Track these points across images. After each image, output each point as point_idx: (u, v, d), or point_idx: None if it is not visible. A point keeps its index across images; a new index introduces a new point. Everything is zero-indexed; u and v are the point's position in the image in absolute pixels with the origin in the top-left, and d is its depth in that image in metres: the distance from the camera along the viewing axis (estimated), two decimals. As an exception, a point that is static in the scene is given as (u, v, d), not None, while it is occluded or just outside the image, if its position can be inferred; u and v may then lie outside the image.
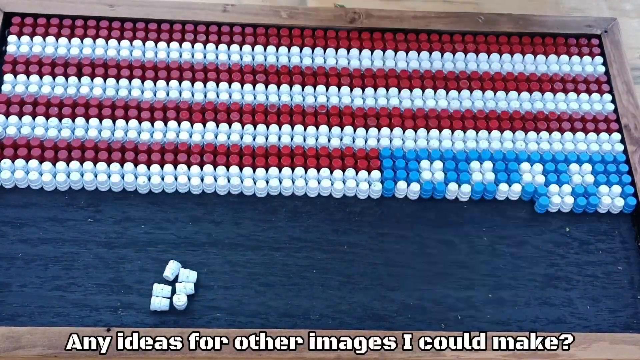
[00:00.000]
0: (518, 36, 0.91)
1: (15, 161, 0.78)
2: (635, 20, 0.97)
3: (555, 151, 0.84)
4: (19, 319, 0.70)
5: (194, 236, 0.76)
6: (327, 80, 0.86)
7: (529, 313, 0.75)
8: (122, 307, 0.72)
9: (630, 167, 0.83)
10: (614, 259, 0.79)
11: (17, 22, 0.87)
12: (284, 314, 0.73)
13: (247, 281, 0.74)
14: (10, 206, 0.77)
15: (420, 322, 0.73)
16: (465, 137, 0.84)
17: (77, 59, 0.85)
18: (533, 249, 0.78)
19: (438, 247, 0.78)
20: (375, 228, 0.78)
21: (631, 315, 0.75)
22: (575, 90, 0.88)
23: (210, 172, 0.79)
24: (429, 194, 0.79)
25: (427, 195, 0.80)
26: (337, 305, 0.74)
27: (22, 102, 0.82)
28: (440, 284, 0.76)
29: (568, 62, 0.90)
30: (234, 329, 0.71)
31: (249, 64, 0.87)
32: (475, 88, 0.87)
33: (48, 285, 0.72)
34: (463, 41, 0.91)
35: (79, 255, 0.74)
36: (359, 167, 0.81)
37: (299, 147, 0.81)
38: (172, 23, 0.88)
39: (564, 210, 0.81)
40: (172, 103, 0.83)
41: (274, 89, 0.85)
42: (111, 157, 0.79)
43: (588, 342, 0.72)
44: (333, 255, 0.76)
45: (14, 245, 0.74)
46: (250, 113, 0.83)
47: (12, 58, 0.84)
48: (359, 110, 0.84)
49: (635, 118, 0.86)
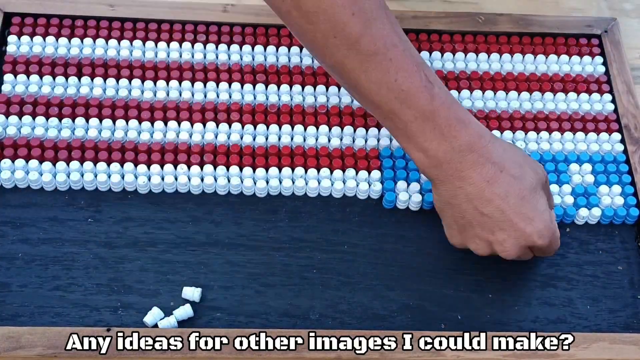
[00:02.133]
0: (518, 36, 0.92)
1: (15, 161, 0.78)
2: (635, 20, 0.97)
3: (555, 151, 0.84)
4: (19, 319, 0.70)
5: (194, 236, 0.76)
6: (327, 80, 0.86)
7: (529, 313, 0.75)
8: (122, 307, 0.72)
9: (630, 167, 0.83)
10: (614, 259, 0.79)
11: (17, 22, 0.87)
12: (284, 314, 0.73)
13: (247, 281, 0.74)
14: (10, 206, 0.77)
15: (420, 322, 0.73)
16: (465, 137, 0.84)
17: (77, 59, 0.85)
18: (533, 249, 0.79)
19: (438, 247, 0.78)
20: (375, 228, 0.79)
21: (631, 315, 0.75)
22: (575, 90, 0.88)
23: (210, 172, 0.79)
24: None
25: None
26: (337, 305, 0.74)
27: (22, 102, 0.82)
28: (440, 284, 0.76)
29: (568, 62, 0.90)
30: (234, 329, 0.71)
31: (249, 64, 0.87)
32: (475, 88, 0.87)
33: (48, 285, 0.73)
34: (463, 41, 0.91)
35: (79, 255, 0.74)
36: (359, 167, 0.81)
37: (299, 147, 0.81)
38: (172, 23, 0.88)
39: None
40: (172, 103, 0.83)
41: (274, 89, 0.85)
42: (111, 157, 0.79)
43: (588, 342, 0.72)
44: (333, 255, 0.76)
45: (14, 245, 0.74)
46: (250, 113, 0.83)
47: (12, 58, 0.84)
48: (359, 110, 0.84)
49: (635, 118, 0.86)
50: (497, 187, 0.69)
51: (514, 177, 0.70)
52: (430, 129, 0.68)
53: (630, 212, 0.80)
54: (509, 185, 0.69)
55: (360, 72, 0.68)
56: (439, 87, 0.69)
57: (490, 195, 0.69)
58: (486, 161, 0.69)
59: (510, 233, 0.70)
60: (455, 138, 0.68)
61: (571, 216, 0.80)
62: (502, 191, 0.69)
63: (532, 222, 0.70)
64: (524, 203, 0.69)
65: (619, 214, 0.80)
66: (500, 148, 0.70)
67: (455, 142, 0.68)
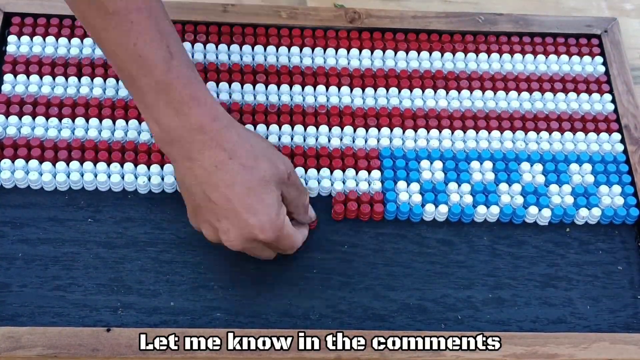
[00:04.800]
0: (518, 36, 0.92)
1: (15, 161, 0.78)
2: (635, 20, 0.97)
3: (555, 151, 0.84)
4: (19, 319, 0.70)
5: (194, 236, 0.76)
6: (327, 80, 0.86)
7: (529, 313, 0.75)
8: (122, 307, 0.72)
9: (630, 167, 0.83)
10: (614, 259, 0.79)
11: (17, 22, 0.87)
12: (284, 314, 0.73)
13: (247, 281, 0.74)
14: (10, 206, 0.77)
15: (420, 322, 0.73)
16: (465, 137, 0.84)
17: (77, 59, 0.85)
18: (533, 249, 0.79)
19: (438, 247, 0.78)
20: (375, 228, 0.79)
21: (631, 315, 0.75)
22: (575, 90, 0.88)
23: (210, 172, 0.79)
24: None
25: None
26: (337, 305, 0.74)
27: (22, 102, 0.82)
28: (440, 284, 0.76)
29: (568, 62, 0.90)
30: (234, 329, 0.71)
31: (249, 64, 0.87)
32: (475, 88, 0.87)
33: (48, 285, 0.73)
34: (463, 41, 0.91)
35: (79, 255, 0.74)
36: (359, 167, 0.81)
37: (299, 147, 0.81)
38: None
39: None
40: (172, 103, 0.83)
41: (274, 89, 0.85)
42: (111, 157, 0.79)
43: (588, 342, 0.72)
44: (333, 255, 0.76)
45: (14, 245, 0.74)
46: (250, 113, 0.83)
47: (12, 58, 0.84)
48: (359, 110, 0.84)
49: (635, 118, 0.86)
50: (224, 173, 0.66)
51: (244, 167, 0.67)
52: (164, 102, 0.66)
53: (630, 212, 0.80)
54: (238, 173, 0.67)
55: (101, 29, 0.65)
56: (181, 61, 0.66)
57: (217, 180, 0.66)
58: (216, 145, 0.66)
59: (234, 222, 0.67)
60: (187, 116, 0.66)
61: (571, 216, 0.80)
62: (229, 178, 0.66)
63: (256, 215, 0.67)
64: (251, 194, 0.67)
65: (619, 214, 0.80)
66: (236, 135, 0.68)
67: (186, 120, 0.66)
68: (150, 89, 0.66)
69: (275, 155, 0.70)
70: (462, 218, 0.79)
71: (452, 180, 0.80)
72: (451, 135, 0.84)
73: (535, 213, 0.79)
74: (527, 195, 0.80)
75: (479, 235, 0.79)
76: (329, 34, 0.89)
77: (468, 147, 0.83)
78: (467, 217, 0.79)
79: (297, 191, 0.72)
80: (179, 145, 0.67)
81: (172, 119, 0.66)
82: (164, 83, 0.66)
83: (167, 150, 0.68)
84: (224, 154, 0.67)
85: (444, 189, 0.80)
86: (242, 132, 0.69)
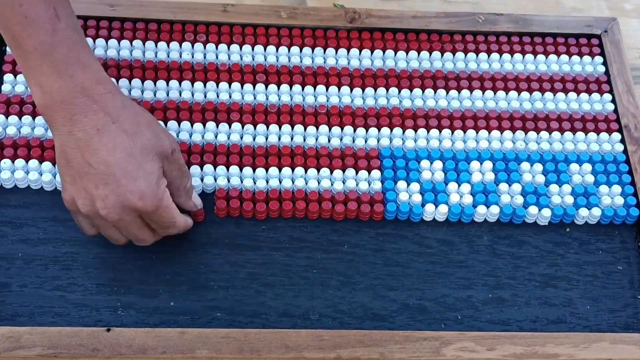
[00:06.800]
0: (518, 36, 0.92)
1: (15, 161, 0.78)
2: (635, 20, 0.97)
3: (555, 151, 0.84)
4: (19, 319, 0.71)
5: (194, 236, 0.76)
6: (327, 80, 0.86)
7: (529, 313, 0.75)
8: (122, 307, 0.72)
9: (630, 167, 0.83)
10: (614, 259, 0.79)
11: (17, 22, 0.87)
12: (283, 314, 0.73)
13: (247, 281, 0.74)
14: (10, 206, 0.77)
15: (420, 322, 0.73)
16: (465, 137, 0.84)
17: (77, 59, 0.85)
18: (533, 249, 0.79)
19: (438, 247, 0.78)
20: (375, 228, 0.79)
21: (631, 315, 0.75)
22: (575, 90, 0.88)
23: (210, 172, 0.79)
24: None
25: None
26: (337, 305, 0.74)
27: (22, 102, 0.82)
28: (440, 284, 0.76)
29: (568, 62, 0.90)
30: (234, 329, 0.71)
31: (249, 64, 0.87)
32: (475, 88, 0.87)
33: (48, 285, 0.73)
34: (463, 41, 0.91)
35: (79, 255, 0.74)
36: (359, 167, 0.81)
37: (299, 147, 0.81)
38: (172, 23, 0.88)
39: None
40: (172, 103, 0.83)
41: (274, 89, 0.85)
42: (111, 157, 0.79)
43: (588, 342, 0.72)
44: (333, 255, 0.76)
45: (14, 245, 0.74)
46: (250, 113, 0.83)
47: (12, 58, 0.84)
48: (359, 110, 0.84)
49: (635, 118, 0.86)
50: (105, 137, 0.66)
51: (126, 133, 0.66)
52: (47, 63, 0.65)
53: (630, 212, 0.80)
54: (119, 138, 0.66)
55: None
56: (67, 24, 0.66)
57: (97, 145, 0.65)
58: (99, 109, 0.66)
59: (113, 189, 0.66)
60: (70, 77, 0.65)
61: (571, 216, 0.80)
62: (110, 143, 0.66)
63: (136, 181, 0.66)
64: (132, 160, 0.66)
65: (619, 214, 0.80)
66: (120, 102, 0.67)
67: (70, 81, 0.65)
68: (34, 50, 0.65)
69: (160, 129, 0.70)
70: (462, 218, 0.79)
71: (452, 180, 0.80)
72: (451, 135, 0.84)
73: (535, 213, 0.79)
74: (527, 195, 0.80)
75: (479, 235, 0.79)
76: (329, 34, 0.89)
77: (468, 147, 0.83)
78: (467, 217, 0.79)
79: (179, 171, 0.71)
80: (60, 109, 0.66)
81: (56, 80, 0.65)
82: (48, 44, 0.65)
83: (49, 115, 0.67)
84: (107, 118, 0.66)
85: (444, 189, 0.80)
86: (127, 101, 0.69)
